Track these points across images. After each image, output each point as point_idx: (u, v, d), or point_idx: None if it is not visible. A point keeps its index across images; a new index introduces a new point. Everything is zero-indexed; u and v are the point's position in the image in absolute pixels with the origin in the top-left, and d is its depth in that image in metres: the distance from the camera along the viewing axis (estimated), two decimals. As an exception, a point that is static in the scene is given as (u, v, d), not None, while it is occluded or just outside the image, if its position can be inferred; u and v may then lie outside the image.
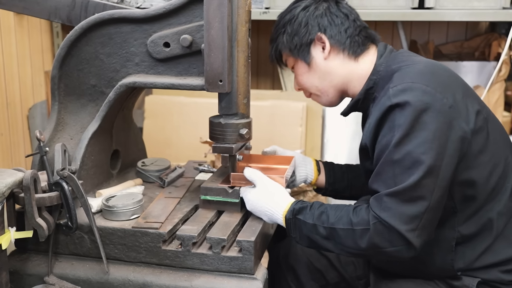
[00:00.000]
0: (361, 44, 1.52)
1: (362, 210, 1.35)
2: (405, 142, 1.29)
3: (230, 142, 1.53)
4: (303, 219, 1.40)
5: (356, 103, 1.53)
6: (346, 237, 1.34)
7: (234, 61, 1.48)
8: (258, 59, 3.27)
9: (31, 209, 1.38)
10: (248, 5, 1.48)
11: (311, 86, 1.57)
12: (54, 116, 1.66)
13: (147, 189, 1.74)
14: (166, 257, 1.45)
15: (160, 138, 2.94)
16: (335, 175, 1.78)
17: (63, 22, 1.67)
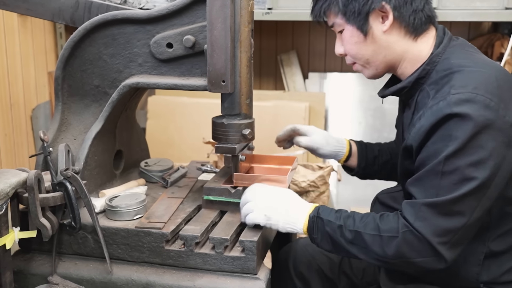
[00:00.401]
0: (423, 23, 1.39)
1: (390, 217, 1.32)
2: (458, 156, 1.22)
3: (232, 142, 1.54)
4: (328, 219, 1.35)
5: (401, 90, 1.43)
6: (373, 243, 1.30)
7: (236, 62, 1.48)
8: (261, 59, 3.28)
9: (35, 209, 1.39)
10: (251, 6, 1.48)
11: (360, 58, 1.44)
12: (57, 116, 1.67)
13: (150, 189, 1.75)
14: (169, 257, 1.45)
15: (163, 138, 2.95)
16: (367, 160, 1.74)
17: (66, 23, 1.68)
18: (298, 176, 2.34)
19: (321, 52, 3.24)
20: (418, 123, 1.31)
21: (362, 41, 1.41)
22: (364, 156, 1.74)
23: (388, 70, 1.47)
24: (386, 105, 3.00)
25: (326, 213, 1.37)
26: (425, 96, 1.35)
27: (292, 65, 3.18)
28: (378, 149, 1.76)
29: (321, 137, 1.72)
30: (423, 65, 1.38)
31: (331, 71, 3.19)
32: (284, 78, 3.17)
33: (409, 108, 1.45)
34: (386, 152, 1.76)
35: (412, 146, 1.33)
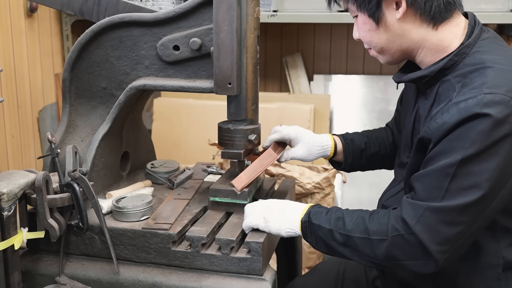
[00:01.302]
0: (442, 10, 1.29)
1: (380, 217, 1.29)
2: (475, 161, 1.16)
3: (238, 147, 1.55)
4: (318, 223, 1.34)
5: (421, 79, 1.34)
6: (363, 246, 1.28)
7: (242, 67, 1.49)
8: (266, 61, 3.29)
9: (43, 210, 1.40)
10: (257, 12, 1.50)
11: (375, 45, 1.38)
12: (65, 118, 1.68)
13: (156, 191, 1.76)
14: (175, 257, 1.46)
15: (169, 140, 2.97)
16: (353, 155, 1.69)
17: (75, 13, 1.67)
18: (303, 178, 2.34)
19: (326, 54, 3.25)
20: (440, 118, 1.22)
21: (375, 29, 1.35)
22: (350, 151, 1.69)
23: (405, 57, 1.40)
24: (391, 107, 3.00)
25: (317, 216, 1.36)
26: (449, 88, 1.27)
27: (297, 67, 3.19)
28: (365, 141, 1.70)
29: (303, 150, 1.63)
30: (451, 55, 1.29)
31: (336, 73, 3.19)
32: (289, 80, 3.18)
33: (425, 98, 1.36)
34: (374, 144, 1.71)
35: (430, 141, 1.24)
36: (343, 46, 3.22)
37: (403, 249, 1.24)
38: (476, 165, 1.16)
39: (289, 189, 1.82)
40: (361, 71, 3.21)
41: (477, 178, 1.17)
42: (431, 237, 1.20)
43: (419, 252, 1.22)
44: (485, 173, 1.16)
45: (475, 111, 1.15)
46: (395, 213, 1.28)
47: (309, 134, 1.65)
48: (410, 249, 1.23)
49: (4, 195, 1.33)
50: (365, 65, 3.20)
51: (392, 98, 3.00)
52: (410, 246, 1.23)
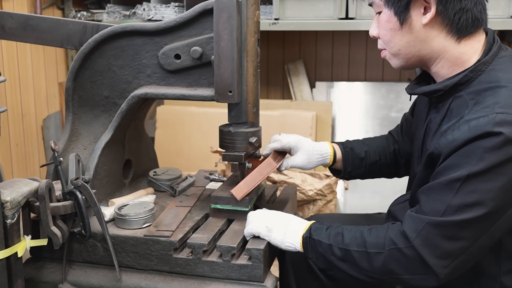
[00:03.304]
0: (469, 25, 1.27)
1: (378, 231, 1.29)
2: (480, 178, 1.15)
3: (239, 150, 1.56)
4: (319, 239, 1.34)
5: (434, 92, 1.32)
6: (360, 259, 1.28)
7: (243, 71, 1.51)
8: (268, 69, 3.30)
9: (46, 217, 1.42)
10: (257, 16, 1.51)
11: (392, 46, 1.34)
12: (68, 126, 1.70)
13: (158, 198, 1.77)
14: (177, 265, 1.47)
15: (172, 147, 2.98)
16: (353, 164, 1.69)
17: (75, 48, 1.70)
18: (305, 184, 2.35)
19: (328, 61, 3.26)
20: (450, 135, 1.21)
21: (398, 29, 1.31)
22: (350, 160, 1.69)
23: (419, 65, 1.37)
24: (393, 114, 3.00)
25: (318, 232, 1.36)
26: (462, 105, 1.26)
27: (299, 75, 3.20)
28: (365, 150, 1.70)
29: (303, 159, 1.63)
30: (466, 71, 1.27)
31: (338, 80, 3.21)
32: (291, 87, 3.19)
33: (436, 112, 1.35)
34: (374, 153, 1.71)
35: (439, 157, 1.23)
36: (345, 53, 3.23)
37: (400, 262, 1.24)
38: (481, 182, 1.15)
39: (290, 196, 1.83)
40: (363, 78, 3.22)
41: (481, 196, 1.16)
42: (430, 251, 1.20)
43: (417, 266, 1.22)
44: (490, 192, 1.15)
45: (486, 130, 1.15)
46: (394, 227, 1.29)
47: (309, 143, 1.66)
48: (407, 263, 1.23)
49: (7, 203, 1.34)
50: (367, 71, 3.22)
51: (394, 105, 3.01)
52: (407, 259, 1.23)
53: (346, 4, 2.55)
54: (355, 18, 2.56)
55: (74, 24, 1.67)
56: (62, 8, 2.92)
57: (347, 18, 2.57)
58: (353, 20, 2.57)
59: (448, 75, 1.32)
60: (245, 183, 1.56)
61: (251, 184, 1.56)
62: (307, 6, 2.60)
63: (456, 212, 1.18)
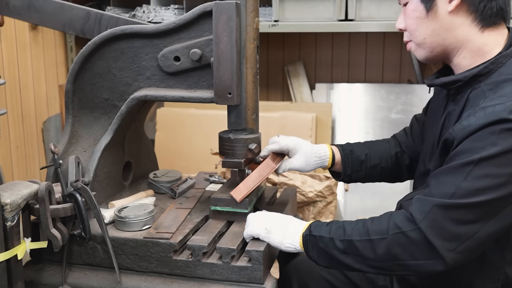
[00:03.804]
0: (493, 14, 1.30)
1: (381, 218, 1.29)
2: (492, 163, 1.16)
3: (239, 157, 1.56)
4: (319, 234, 1.34)
5: (453, 83, 1.34)
6: (364, 248, 1.27)
7: (242, 77, 1.51)
8: (268, 71, 3.30)
9: (46, 220, 1.42)
10: (256, 23, 1.51)
11: (418, 35, 1.37)
12: (68, 129, 1.70)
13: (158, 200, 1.77)
14: (177, 267, 1.47)
15: (172, 149, 2.98)
16: (353, 167, 1.68)
17: (77, 33, 1.70)
18: (305, 186, 2.35)
19: (327, 63, 3.26)
20: (466, 121, 1.23)
21: (424, 17, 1.34)
22: (349, 162, 1.68)
23: (443, 56, 1.39)
24: (393, 115, 3.00)
25: (318, 229, 1.36)
26: (480, 95, 1.28)
27: (299, 76, 3.20)
28: (365, 153, 1.70)
29: (301, 161, 1.63)
30: (487, 63, 1.29)
31: (338, 81, 3.21)
32: (291, 89, 3.19)
33: (455, 104, 1.36)
34: (374, 156, 1.70)
35: (453, 142, 1.25)
36: (345, 55, 3.23)
37: (404, 247, 1.23)
38: (493, 167, 1.16)
39: (290, 198, 1.83)
40: (363, 79, 3.22)
41: (492, 180, 1.16)
42: (437, 233, 1.19)
43: (423, 250, 1.21)
44: (501, 177, 1.16)
45: (501, 116, 1.16)
46: (398, 213, 1.29)
47: (307, 145, 1.66)
48: (412, 247, 1.22)
49: (7, 206, 1.35)
50: (366, 73, 3.22)
51: (393, 106, 3.01)
52: (412, 243, 1.22)
53: (346, 6, 2.55)
54: (354, 20, 2.56)
55: (78, 10, 1.67)
56: (62, 10, 2.93)
57: (346, 19, 2.57)
58: (352, 21, 2.57)
59: (468, 66, 1.33)
60: (244, 184, 1.57)
61: (250, 186, 1.56)
62: (306, 8, 2.60)
63: (466, 195, 1.18)
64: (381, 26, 2.56)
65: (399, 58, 3.16)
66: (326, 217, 2.39)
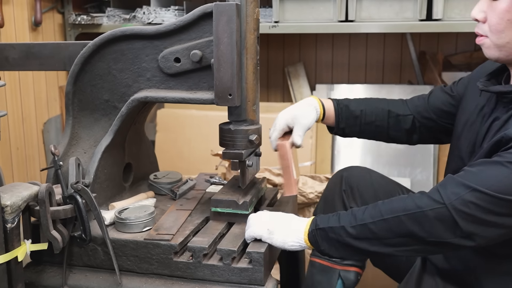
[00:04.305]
0: None
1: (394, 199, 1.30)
2: None
3: (239, 148, 1.55)
4: (328, 226, 1.33)
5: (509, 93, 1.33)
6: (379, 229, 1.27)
7: (243, 69, 1.50)
8: (269, 72, 3.31)
9: (46, 221, 1.42)
10: (256, 13, 1.51)
11: (503, 37, 1.31)
12: (68, 130, 1.70)
13: (159, 202, 1.77)
14: (177, 268, 1.47)
15: (172, 151, 2.98)
16: (347, 121, 1.71)
17: None
18: (306, 187, 2.35)
19: (328, 63, 3.27)
20: None
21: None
22: (343, 117, 1.71)
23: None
24: (393, 116, 3.00)
25: (325, 221, 1.36)
26: None
27: (299, 77, 3.20)
28: (361, 109, 1.71)
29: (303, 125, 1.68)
30: None
31: (338, 82, 3.21)
32: (291, 90, 3.19)
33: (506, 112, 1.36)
34: (371, 113, 1.72)
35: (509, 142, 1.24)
36: (345, 56, 3.23)
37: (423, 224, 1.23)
38: None
39: (291, 199, 1.82)
40: (363, 80, 3.22)
41: None
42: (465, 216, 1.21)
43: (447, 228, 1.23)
44: None
45: None
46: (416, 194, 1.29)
47: (297, 111, 1.69)
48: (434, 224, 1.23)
49: (7, 207, 1.35)
50: (367, 74, 3.22)
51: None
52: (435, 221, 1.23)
53: (346, 7, 2.55)
54: (355, 21, 2.56)
55: (74, 46, 1.69)
56: (62, 12, 2.93)
57: (347, 20, 2.57)
58: (353, 22, 2.57)
59: None
60: (288, 178, 1.58)
61: (291, 176, 1.57)
62: (307, 8, 2.60)
63: (506, 189, 1.19)
64: (382, 27, 2.56)
65: (399, 59, 3.16)
66: (327, 218, 2.38)
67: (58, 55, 1.71)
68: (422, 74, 3.06)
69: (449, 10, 2.47)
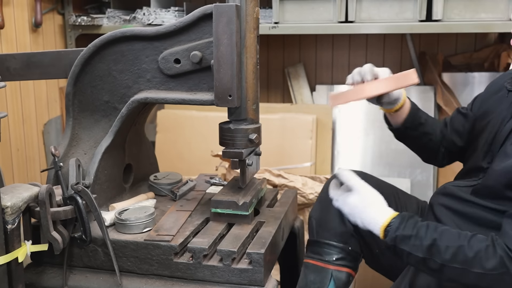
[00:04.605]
0: None
1: (482, 248, 1.29)
2: None
3: (239, 147, 1.56)
4: (409, 251, 1.34)
5: None
6: (463, 276, 1.30)
7: (243, 68, 1.51)
8: (269, 72, 3.31)
9: (47, 223, 1.42)
10: (256, 12, 1.51)
11: None
12: (68, 131, 1.71)
13: (159, 202, 1.77)
14: (177, 269, 1.47)
15: (172, 152, 2.98)
16: (413, 123, 1.70)
17: None
18: (306, 188, 2.35)
19: (328, 64, 3.27)
20: None
21: None
22: (412, 117, 1.70)
23: None
24: (393, 117, 3.00)
25: (405, 242, 1.34)
26: None
27: (299, 78, 3.20)
28: (425, 118, 1.73)
29: None
30: None
31: (338, 83, 3.21)
32: (291, 91, 3.19)
33: None
34: (430, 126, 1.74)
35: None
36: (345, 56, 3.23)
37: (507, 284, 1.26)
38: None
39: (291, 200, 1.83)
40: (363, 81, 3.22)
41: None
42: None
43: None
44: None
45: None
46: (502, 245, 1.29)
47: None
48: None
49: (8, 209, 1.35)
50: (367, 75, 3.21)
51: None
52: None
53: (346, 8, 2.55)
54: (354, 22, 2.56)
55: (74, 53, 1.69)
56: (62, 13, 2.93)
57: (346, 21, 2.58)
58: (352, 23, 2.57)
59: None
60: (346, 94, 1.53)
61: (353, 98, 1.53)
62: (306, 9, 2.60)
63: None
64: (382, 27, 2.56)
65: (399, 59, 3.17)
66: (327, 219, 2.38)
67: (58, 63, 1.72)
68: (422, 75, 3.06)
69: (448, 11, 2.47)
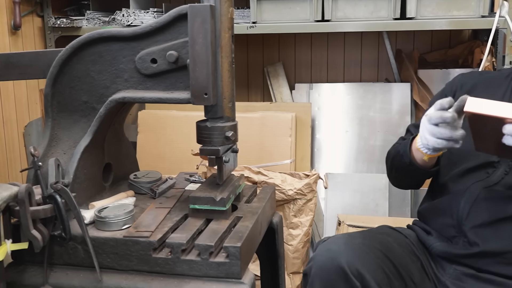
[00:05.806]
0: None
1: None
2: None
3: (216, 144, 1.59)
4: None
5: None
6: None
7: (218, 67, 1.54)
8: (248, 72, 3.35)
9: (26, 221, 1.43)
10: (231, 12, 1.54)
11: None
12: (47, 132, 1.72)
13: (138, 201, 1.80)
14: (156, 264, 1.50)
15: (154, 151, 3.01)
16: None
17: None
18: (285, 184, 2.39)
19: (307, 63, 3.32)
20: None
21: None
22: None
23: None
24: (371, 113, 3.06)
25: None
26: None
27: (279, 77, 3.25)
28: None
29: None
30: None
31: (318, 81, 3.26)
32: (271, 90, 3.24)
33: None
34: None
35: None
36: (324, 55, 3.29)
37: None
38: None
39: (269, 195, 1.86)
40: (341, 79, 3.28)
41: None
42: None
43: None
44: None
45: None
46: None
47: None
48: None
49: (-13, 208, 1.36)
50: (345, 73, 3.27)
51: (372, 105, 3.06)
52: None
53: (322, 7, 2.60)
54: (331, 20, 2.61)
55: (52, 53, 1.70)
56: (41, 15, 2.94)
57: (323, 20, 2.62)
58: (329, 22, 2.62)
59: None
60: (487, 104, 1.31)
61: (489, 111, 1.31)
62: (283, 9, 2.65)
63: None
64: (358, 26, 2.61)
65: (376, 57, 3.23)
66: (306, 214, 2.43)
67: (36, 63, 1.73)
68: (399, 72, 3.12)
69: (422, 9, 2.53)
